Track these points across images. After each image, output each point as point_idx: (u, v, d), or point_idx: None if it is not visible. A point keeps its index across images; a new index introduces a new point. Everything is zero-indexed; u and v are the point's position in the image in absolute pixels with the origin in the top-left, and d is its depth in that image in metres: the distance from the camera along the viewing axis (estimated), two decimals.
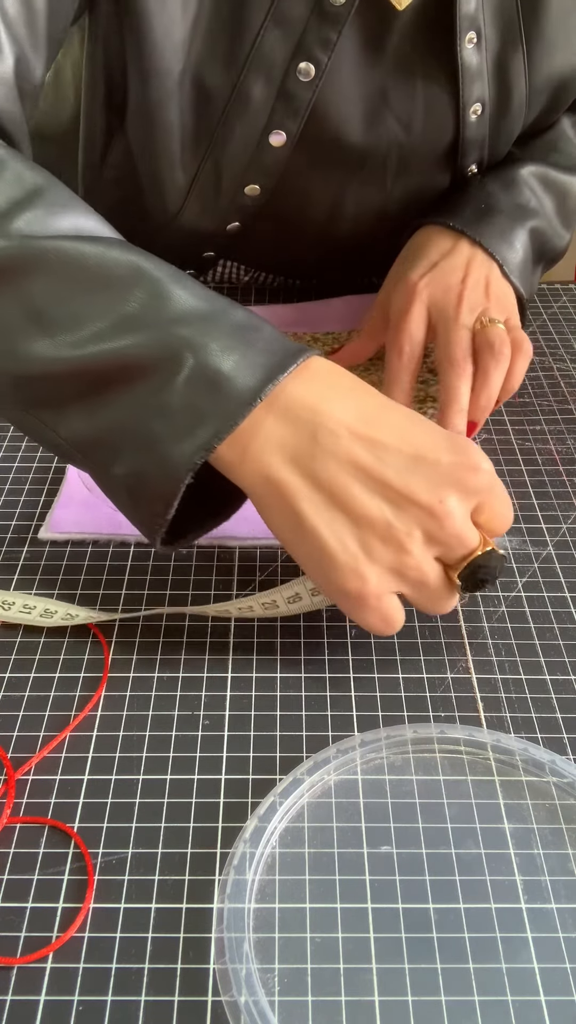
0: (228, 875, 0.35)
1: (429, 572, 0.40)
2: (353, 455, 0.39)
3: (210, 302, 0.41)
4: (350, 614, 0.41)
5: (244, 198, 0.63)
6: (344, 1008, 0.32)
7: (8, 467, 0.57)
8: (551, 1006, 0.32)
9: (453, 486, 0.39)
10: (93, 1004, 0.32)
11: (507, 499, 0.42)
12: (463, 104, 0.60)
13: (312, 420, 0.39)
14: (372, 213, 0.67)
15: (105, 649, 0.45)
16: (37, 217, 0.41)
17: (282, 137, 0.59)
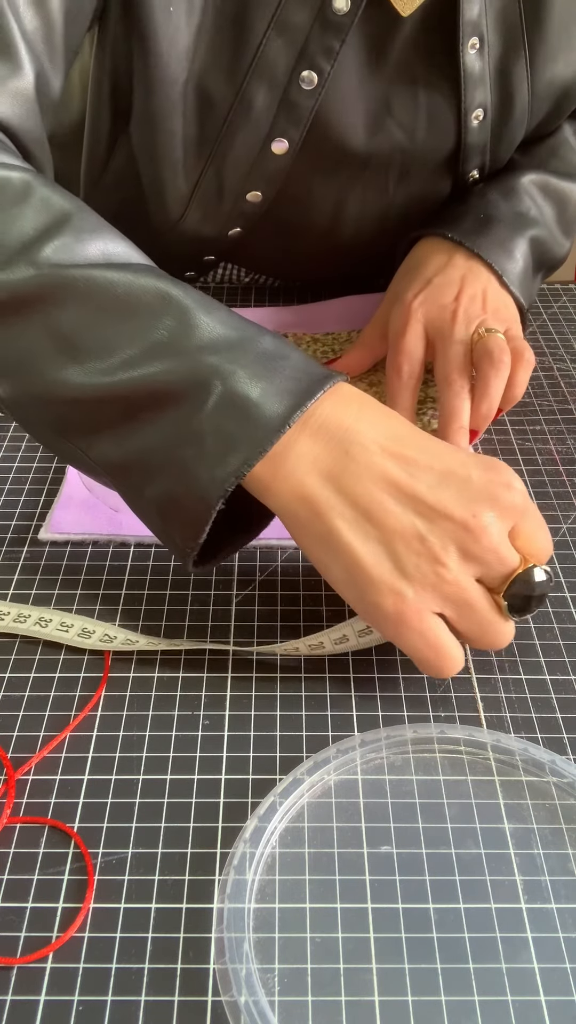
0: (228, 875, 0.35)
1: (470, 589, 0.39)
2: (386, 470, 0.39)
3: (238, 330, 0.41)
4: (395, 640, 0.40)
5: (246, 204, 0.63)
6: (344, 1008, 0.32)
7: (8, 467, 0.57)
8: (551, 1006, 0.32)
9: (486, 502, 0.39)
10: (93, 1004, 0.32)
11: (543, 523, 0.42)
12: (465, 110, 0.60)
13: (344, 438, 0.40)
14: (374, 218, 0.68)
15: (107, 656, 0.45)
16: (66, 244, 0.41)
17: (284, 145, 0.59)
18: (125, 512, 0.53)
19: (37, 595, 0.48)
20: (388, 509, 0.39)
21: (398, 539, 0.39)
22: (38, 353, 0.41)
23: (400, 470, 0.39)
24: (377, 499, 0.39)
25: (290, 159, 0.60)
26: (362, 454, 0.39)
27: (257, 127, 0.58)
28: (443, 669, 0.40)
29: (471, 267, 0.61)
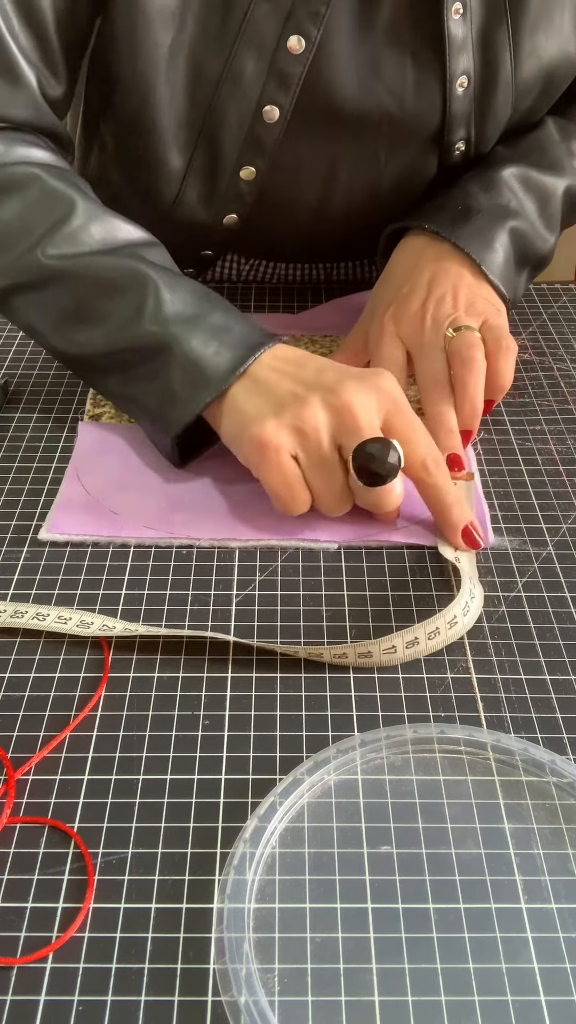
0: (228, 875, 0.35)
1: (324, 440, 0.48)
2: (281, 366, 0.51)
3: (196, 307, 0.52)
4: (257, 471, 0.50)
5: (240, 183, 0.63)
6: (344, 1008, 0.32)
7: (8, 467, 0.57)
8: (551, 1006, 0.32)
9: (358, 378, 0.49)
10: (93, 1004, 0.32)
11: (420, 428, 0.49)
12: (450, 76, 0.61)
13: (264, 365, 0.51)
14: (365, 192, 0.68)
15: (105, 649, 0.45)
16: (69, 236, 0.53)
17: (275, 112, 0.60)
18: (125, 514, 0.53)
19: (37, 595, 0.48)
20: (276, 381, 0.50)
21: (279, 396, 0.49)
22: (56, 318, 0.55)
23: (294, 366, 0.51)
24: (271, 378, 0.50)
25: (282, 127, 0.60)
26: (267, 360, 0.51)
27: (247, 95, 0.59)
28: (290, 506, 0.50)
29: (440, 266, 0.61)
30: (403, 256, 0.64)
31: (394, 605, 0.48)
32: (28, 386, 0.65)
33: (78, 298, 0.53)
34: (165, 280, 0.53)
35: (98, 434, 0.59)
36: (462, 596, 0.46)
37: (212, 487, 0.55)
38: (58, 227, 0.53)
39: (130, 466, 0.57)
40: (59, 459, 0.58)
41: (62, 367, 0.66)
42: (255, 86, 0.59)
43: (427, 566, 0.50)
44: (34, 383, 0.65)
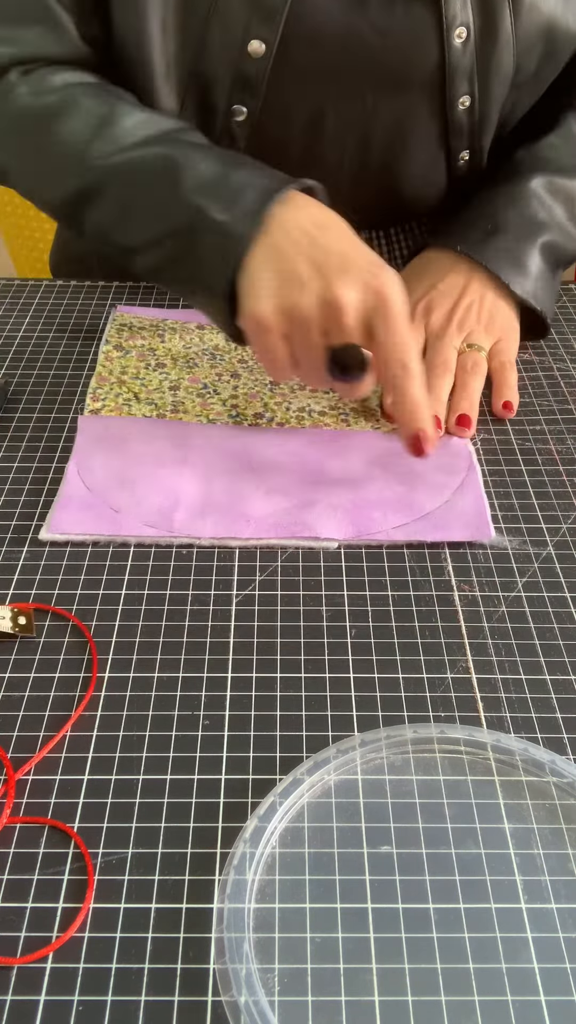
0: (228, 875, 0.35)
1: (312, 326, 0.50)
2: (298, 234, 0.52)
3: (217, 172, 0.55)
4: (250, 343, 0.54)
5: (232, 125, 0.65)
6: (344, 1008, 0.32)
7: (8, 467, 0.57)
8: (551, 1006, 0.32)
9: (356, 274, 0.50)
10: (93, 1004, 0.32)
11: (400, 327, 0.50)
12: (447, 25, 0.62)
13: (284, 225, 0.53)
14: (356, 138, 0.68)
15: (93, 649, 0.45)
16: (106, 143, 0.58)
17: (261, 47, 0.61)
18: (125, 512, 0.53)
19: (37, 595, 0.48)
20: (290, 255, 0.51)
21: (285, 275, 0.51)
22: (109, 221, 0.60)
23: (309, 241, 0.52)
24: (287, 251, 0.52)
25: (268, 63, 0.62)
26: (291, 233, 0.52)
27: (233, 31, 0.60)
28: (275, 377, 0.55)
29: (473, 276, 0.64)
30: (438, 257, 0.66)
31: (394, 605, 0.48)
32: (28, 386, 0.65)
33: (125, 193, 0.58)
34: (192, 153, 0.56)
35: (98, 427, 0.59)
36: None
37: (213, 480, 0.55)
38: (101, 131, 0.58)
39: (131, 458, 0.57)
40: (59, 459, 0.58)
41: (62, 367, 0.66)
42: (240, 21, 0.60)
43: (427, 566, 0.50)
44: (34, 383, 0.65)
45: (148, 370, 0.65)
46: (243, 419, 0.61)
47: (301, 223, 0.53)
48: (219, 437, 0.59)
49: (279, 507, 0.53)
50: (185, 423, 0.60)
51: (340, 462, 0.57)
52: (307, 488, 0.55)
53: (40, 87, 0.62)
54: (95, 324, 0.71)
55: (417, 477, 0.55)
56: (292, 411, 0.62)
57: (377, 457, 0.57)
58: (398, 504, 0.53)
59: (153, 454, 0.57)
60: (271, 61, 0.62)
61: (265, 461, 0.57)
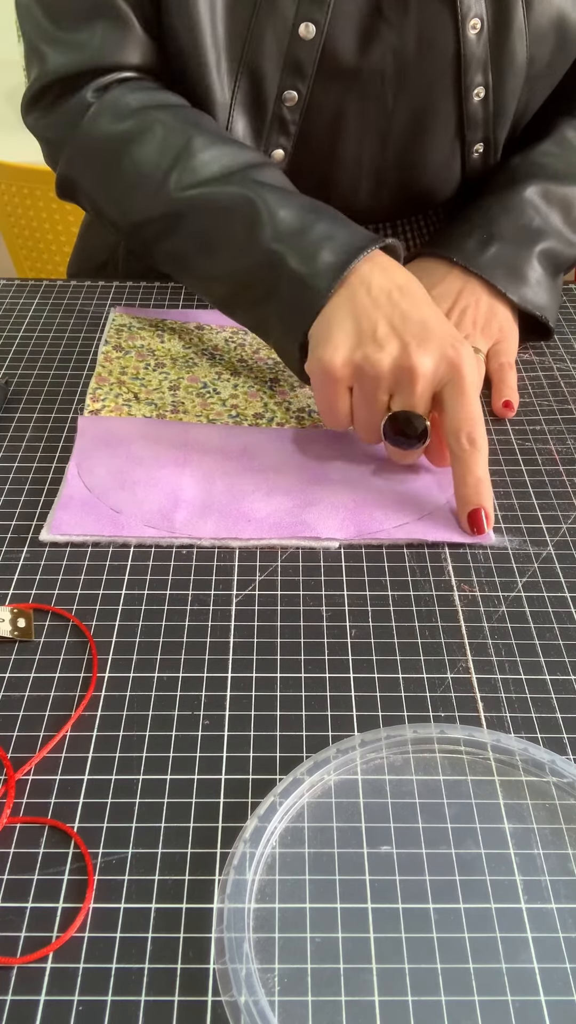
0: (228, 875, 0.35)
1: (381, 384, 0.51)
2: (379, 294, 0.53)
3: (301, 220, 0.56)
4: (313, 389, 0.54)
5: (284, 110, 0.65)
6: (344, 1008, 0.32)
7: (8, 467, 0.57)
8: (551, 1006, 0.32)
9: (436, 343, 0.50)
10: (93, 1004, 0.32)
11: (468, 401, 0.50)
12: (461, 17, 0.62)
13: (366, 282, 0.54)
14: (375, 131, 0.68)
15: (93, 649, 0.45)
16: (184, 174, 0.59)
17: (312, 28, 0.62)
18: (126, 513, 0.53)
19: (37, 595, 0.48)
20: (369, 312, 0.52)
21: (362, 330, 0.52)
22: (186, 253, 0.61)
23: (390, 304, 0.52)
24: (366, 308, 0.52)
25: (319, 45, 0.62)
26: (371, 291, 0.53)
27: (284, 14, 0.61)
28: (331, 425, 0.55)
29: (467, 283, 0.65)
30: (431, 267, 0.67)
31: (394, 605, 0.48)
32: (28, 386, 0.65)
33: (201, 228, 0.59)
34: (273, 199, 0.57)
35: (98, 427, 0.59)
36: None
37: (213, 480, 0.55)
38: (179, 162, 0.59)
39: (131, 458, 0.57)
40: (59, 459, 0.58)
41: (62, 367, 0.66)
42: (290, 4, 0.61)
43: (427, 566, 0.50)
44: (34, 383, 0.65)
45: (148, 370, 0.65)
46: (243, 419, 0.61)
47: (383, 284, 0.53)
48: (219, 437, 0.59)
49: (280, 507, 0.53)
50: (185, 423, 0.60)
51: (340, 462, 0.57)
52: (307, 488, 0.55)
53: (117, 110, 0.62)
54: (95, 324, 0.71)
55: (418, 477, 0.56)
56: (292, 411, 0.62)
57: (377, 457, 0.57)
58: (399, 504, 0.53)
59: (153, 455, 0.57)
60: (321, 44, 0.62)
61: (265, 461, 0.57)
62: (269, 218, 0.56)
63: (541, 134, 0.71)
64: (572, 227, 0.68)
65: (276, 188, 0.58)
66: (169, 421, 0.60)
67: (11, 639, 0.46)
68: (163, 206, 0.60)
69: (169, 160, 0.59)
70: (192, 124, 0.61)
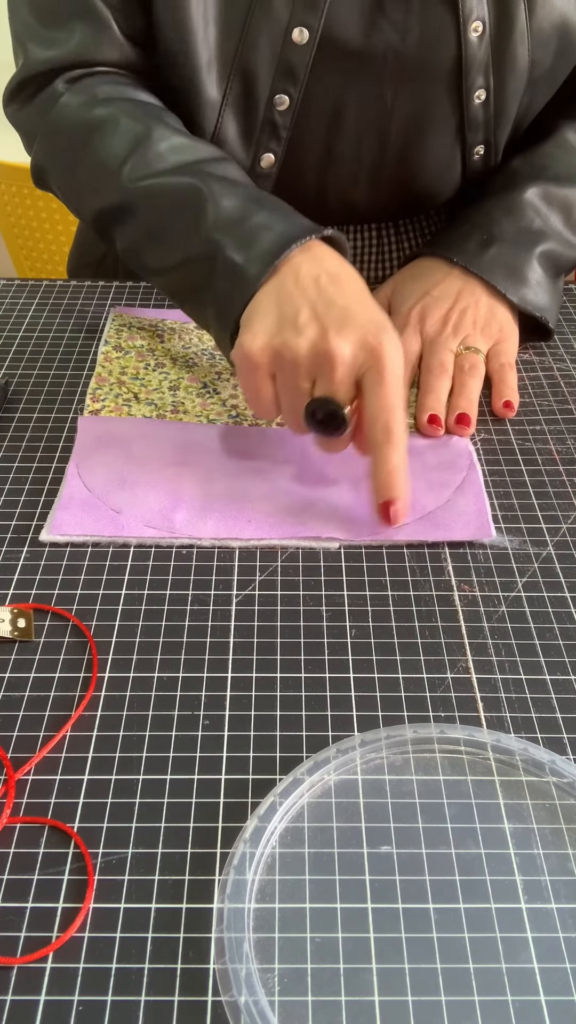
0: (228, 875, 0.35)
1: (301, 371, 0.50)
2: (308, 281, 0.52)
3: (241, 210, 0.56)
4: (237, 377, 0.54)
5: (275, 114, 0.65)
6: (344, 1008, 0.32)
7: (8, 467, 0.57)
8: (551, 1006, 0.32)
9: (357, 329, 0.49)
10: (93, 1004, 0.32)
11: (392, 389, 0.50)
12: (463, 19, 0.62)
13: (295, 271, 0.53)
14: (374, 130, 0.69)
15: (93, 649, 0.45)
16: (139, 165, 0.59)
17: (304, 34, 0.62)
18: (126, 513, 0.53)
19: (37, 595, 0.48)
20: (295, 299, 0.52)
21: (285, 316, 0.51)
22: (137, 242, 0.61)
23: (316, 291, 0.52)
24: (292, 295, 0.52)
25: (311, 50, 0.62)
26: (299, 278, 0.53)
27: (278, 18, 0.61)
28: (258, 415, 0.55)
29: (466, 283, 0.65)
30: (432, 267, 0.67)
31: (394, 605, 0.48)
32: (28, 386, 0.65)
33: (151, 217, 0.59)
34: (219, 188, 0.57)
35: (98, 427, 0.59)
36: None
37: (213, 480, 0.55)
38: (136, 153, 0.59)
39: (131, 459, 0.57)
40: (59, 459, 0.58)
41: (62, 367, 0.66)
42: (284, 8, 0.61)
43: (427, 566, 0.50)
44: (34, 383, 0.65)
45: (148, 370, 0.65)
46: (243, 419, 0.61)
47: (313, 271, 0.53)
48: (219, 437, 0.59)
49: (280, 507, 0.53)
50: (185, 423, 0.60)
51: (340, 462, 0.57)
52: (308, 488, 0.55)
53: (85, 99, 0.63)
54: (95, 324, 0.71)
55: (418, 477, 0.55)
56: None
57: None
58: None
59: (153, 455, 0.57)
60: (314, 48, 0.62)
61: (265, 461, 0.57)
62: (213, 207, 0.56)
63: (542, 136, 0.71)
64: (572, 229, 0.68)
65: (225, 179, 0.58)
66: (169, 421, 0.60)
67: (11, 639, 0.46)
68: (117, 196, 0.60)
69: (127, 150, 0.60)
70: (154, 118, 0.61)
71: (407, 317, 0.65)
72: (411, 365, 0.63)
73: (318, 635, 0.46)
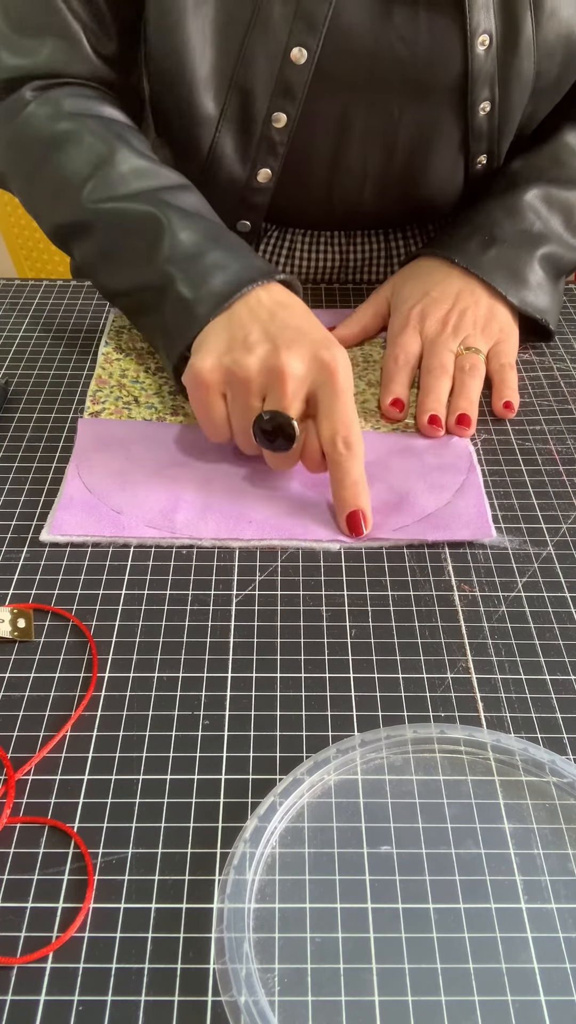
0: (228, 875, 0.35)
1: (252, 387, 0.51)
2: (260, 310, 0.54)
3: (198, 246, 0.57)
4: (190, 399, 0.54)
5: (272, 131, 0.65)
6: (344, 1008, 0.32)
7: (8, 467, 0.57)
8: (551, 1006, 0.32)
9: (307, 346, 0.51)
10: (93, 1004, 0.32)
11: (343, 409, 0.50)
12: (471, 33, 0.62)
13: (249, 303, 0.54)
14: (380, 143, 0.69)
15: (93, 649, 0.45)
16: (100, 185, 0.60)
17: (303, 53, 0.61)
18: (127, 513, 0.53)
19: (37, 595, 0.48)
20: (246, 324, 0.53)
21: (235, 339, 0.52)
22: (93, 262, 0.63)
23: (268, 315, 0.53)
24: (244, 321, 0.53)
25: (310, 70, 0.62)
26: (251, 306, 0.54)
27: (276, 38, 0.61)
28: (209, 436, 0.55)
29: (467, 284, 0.65)
30: (435, 266, 0.67)
31: (394, 605, 0.48)
32: (28, 386, 0.65)
33: (108, 239, 0.60)
34: (177, 220, 0.58)
35: (98, 429, 0.59)
36: None
37: (213, 481, 0.55)
38: (98, 173, 0.60)
39: (131, 461, 0.57)
40: (59, 459, 0.58)
41: (62, 367, 0.66)
42: (283, 28, 0.61)
43: (427, 566, 0.50)
44: (34, 383, 0.65)
45: (148, 373, 0.65)
46: None
47: (265, 301, 0.54)
48: None
49: (280, 508, 0.53)
50: (186, 426, 0.60)
51: None
52: (308, 489, 0.55)
53: (51, 111, 0.63)
54: (95, 325, 0.71)
55: (418, 477, 0.56)
56: None
57: (377, 458, 0.57)
58: (399, 505, 0.53)
59: (154, 456, 0.57)
60: (312, 68, 0.62)
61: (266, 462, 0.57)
62: (170, 239, 0.57)
63: (543, 138, 0.71)
64: (573, 232, 0.68)
65: (184, 211, 0.59)
66: (169, 424, 0.60)
67: (11, 639, 0.46)
68: (76, 214, 0.61)
69: (89, 169, 0.60)
70: (118, 137, 0.62)
71: (407, 317, 0.65)
72: (411, 365, 0.63)
73: (318, 635, 0.46)
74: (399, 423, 0.61)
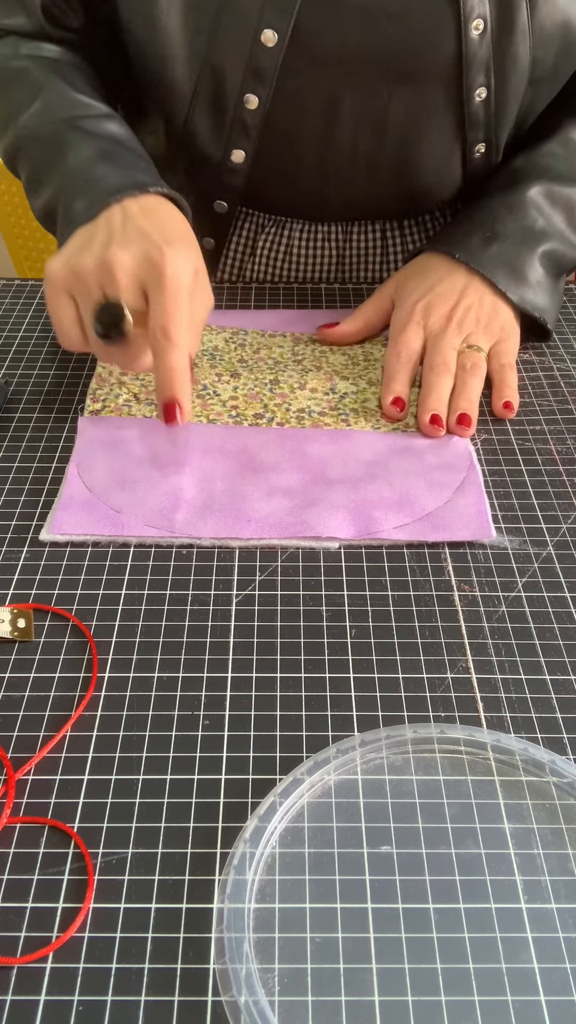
0: (228, 875, 0.35)
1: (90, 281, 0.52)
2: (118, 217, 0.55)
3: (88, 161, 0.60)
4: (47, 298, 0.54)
5: (244, 112, 0.66)
6: (344, 1008, 0.32)
7: (8, 467, 0.57)
8: (551, 1006, 0.32)
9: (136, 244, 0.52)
10: (93, 1004, 0.32)
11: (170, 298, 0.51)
12: (464, 17, 0.62)
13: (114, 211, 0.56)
14: (370, 125, 0.69)
15: (93, 649, 0.45)
16: (34, 113, 0.64)
17: (274, 36, 0.62)
18: (127, 513, 0.53)
19: (37, 595, 0.48)
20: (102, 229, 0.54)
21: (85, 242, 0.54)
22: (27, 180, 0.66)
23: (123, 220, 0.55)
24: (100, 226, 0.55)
25: (280, 53, 0.63)
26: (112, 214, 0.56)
27: (247, 20, 0.61)
28: (62, 339, 0.55)
29: (471, 281, 0.65)
30: (438, 262, 0.67)
31: (394, 605, 0.48)
32: (28, 386, 0.65)
33: (29, 161, 0.65)
34: (77, 141, 0.62)
35: (98, 428, 0.59)
36: None
37: (213, 480, 0.55)
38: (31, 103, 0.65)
39: (131, 459, 0.57)
40: (59, 459, 0.58)
41: (62, 367, 0.66)
42: (253, 11, 0.61)
43: (427, 566, 0.50)
44: (34, 383, 0.65)
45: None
46: (243, 419, 0.61)
47: (130, 210, 0.56)
48: (219, 437, 0.59)
49: (280, 507, 0.53)
50: (185, 424, 0.60)
51: (340, 462, 0.57)
52: (308, 488, 0.55)
53: (10, 53, 0.68)
54: None
55: (418, 477, 0.56)
56: (292, 411, 0.62)
57: (377, 457, 0.57)
58: (399, 504, 0.53)
59: (153, 455, 0.57)
60: (283, 51, 0.62)
61: (265, 461, 0.57)
62: (69, 155, 0.61)
63: (545, 134, 0.71)
64: (575, 228, 0.68)
65: (91, 133, 0.62)
66: None
67: (11, 639, 0.46)
68: (11, 139, 0.66)
69: (27, 100, 0.65)
70: (60, 74, 0.66)
71: (411, 311, 0.65)
72: (413, 362, 0.63)
73: (318, 635, 0.46)
74: (399, 422, 0.61)
